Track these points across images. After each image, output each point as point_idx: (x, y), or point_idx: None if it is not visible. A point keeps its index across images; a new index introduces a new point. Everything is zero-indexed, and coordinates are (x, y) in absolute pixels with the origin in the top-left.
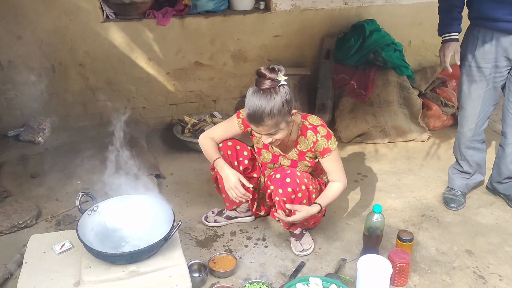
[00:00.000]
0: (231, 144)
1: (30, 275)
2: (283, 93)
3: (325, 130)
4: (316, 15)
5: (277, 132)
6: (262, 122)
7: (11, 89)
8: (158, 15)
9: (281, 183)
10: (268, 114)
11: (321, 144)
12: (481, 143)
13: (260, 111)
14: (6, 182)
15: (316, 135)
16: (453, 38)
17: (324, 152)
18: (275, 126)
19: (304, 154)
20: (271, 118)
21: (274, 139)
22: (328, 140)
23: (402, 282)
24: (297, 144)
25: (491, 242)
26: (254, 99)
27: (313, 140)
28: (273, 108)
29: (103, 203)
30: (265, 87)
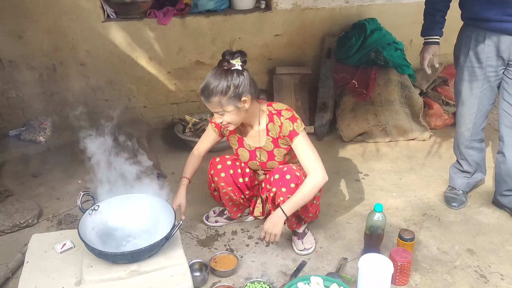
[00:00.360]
0: (230, 163)
1: (31, 275)
2: (234, 77)
3: (289, 113)
4: (317, 14)
5: (224, 114)
6: (208, 98)
7: (12, 88)
8: (159, 14)
9: (282, 182)
10: (212, 92)
11: (286, 127)
12: (480, 143)
13: (206, 87)
14: (8, 182)
15: (280, 118)
16: (433, 41)
17: (291, 135)
18: (219, 105)
19: (277, 141)
20: (215, 96)
21: (224, 121)
22: (293, 122)
23: (403, 281)
24: (268, 131)
25: (493, 241)
26: (208, 76)
27: (278, 124)
28: (217, 87)
29: (104, 203)
30: (220, 67)
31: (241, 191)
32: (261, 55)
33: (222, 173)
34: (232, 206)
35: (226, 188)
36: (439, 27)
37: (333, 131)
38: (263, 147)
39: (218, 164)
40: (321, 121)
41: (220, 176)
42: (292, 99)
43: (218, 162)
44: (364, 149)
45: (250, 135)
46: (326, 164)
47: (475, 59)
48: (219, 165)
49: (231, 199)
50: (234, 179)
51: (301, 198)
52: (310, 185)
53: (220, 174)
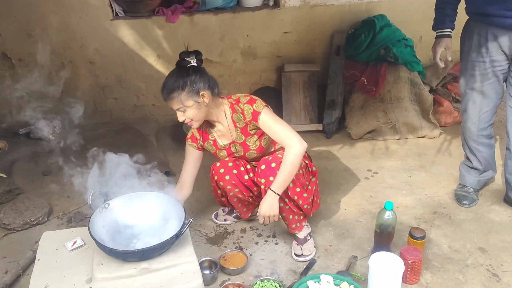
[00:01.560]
0: (232, 164)
1: (42, 272)
2: (190, 73)
3: (247, 97)
4: (326, 11)
5: (185, 110)
6: (167, 95)
7: (22, 86)
8: (167, 12)
9: (269, 171)
10: (170, 89)
11: (247, 110)
12: (489, 139)
13: (164, 85)
14: (18, 180)
15: (239, 105)
16: (444, 35)
17: (254, 116)
18: (179, 102)
19: (246, 130)
20: (173, 92)
21: (187, 118)
22: (252, 104)
23: (414, 280)
24: (235, 123)
25: (505, 239)
26: (167, 76)
27: (240, 111)
28: (174, 83)
29: (114, 201)
30: (177, 66)
31: (248, 190)
32: (270, 53)
33: (227, 175)
34: (242, 207)
35: (233, 190)
36: (449, 20)
37: (342, 128)
38: (235, 140)
39: (220, 168)
40: (330, 118)
41: (225, 180)
42: (300, 96)
43: (220, 166)
44: (373, 146)
45: (221, 133)
46: (335, 161)
47: (478, 53)
48: (222, 169)
49: (240, 201)
50: (239, 178)
51: (286, 173)
52: (291, 157)
53: (225, 177)
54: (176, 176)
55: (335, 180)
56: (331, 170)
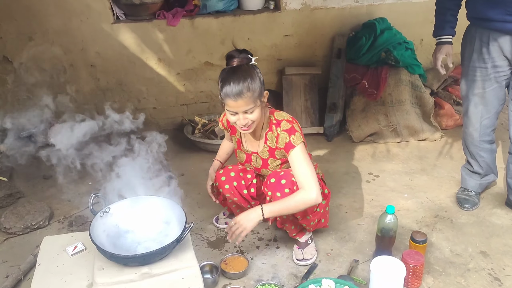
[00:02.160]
0: (234, 174)
1: (43, 277)
2: (257, 72)
3: (288, 124)
4: (327, 14)
5: (253, 111)
6: (242, 94)
7: (23, 90)
8: (168, 15)
9: (277, 186)
10: (248, 87)
11: (282, 139)
12: (490, 144)
13: (240, 83)
14: (19, 183)
15: (277, 129)
16: (445, 41)
17: (287, 147)
18: (253, 100)
19: (274, 152)
20: (249, 89)
21: (249, 120)
22: (290, 134)
23: (415, 284)
24: (266, 140)
25: (507, 243)
26: (231, 75)
27: (275, 135)
28: (252, 79)
29: (115, 205)
30: (238, 63)
31: (247, 201)
32: (270, 56)
33: (226, 185)
34: (241, 212)
35: (232, 198)
36: (450, 26)
37: (343, 131)
38: (259, 153)
39: (221, 176)
40: (331, 121)
41: (224, 188)
42: (301, 99)
43: (222, 174)
44: (374, 149)
45: (249, 139)
46: (336, 165)
47: (480, 59)
48: (223, 177)
49: (238, 207)
50: (238, 190)
51: (285, 207)
52: (299, 199)
53: (224, 186)
54: (177, 179)
55: (336, 183)
56: (332, 173)
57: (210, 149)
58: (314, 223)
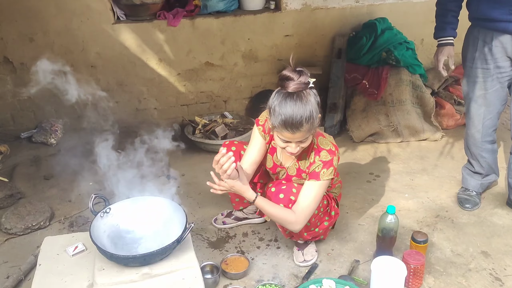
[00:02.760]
0: (235, 149)
1: (44, 277)
2: (314, 95)
3: (329, 157)
4: (327, 14)
5: (307, 139)
6: (300, 127)
7: (24, 91)
8: (168, 16)
9: (274, 198)
10: (307, 119)
11: (315, 166)
12: (492, 144)
13: (299, 116)
14: (20, 184)
15: (315, 157)
16: (446, 43)
17: (312, 175)
18: (311, 130)
19: (301, 173)
20: (308, 121)
21: (301, 148)
22: (323, 167)
23: (416, 284)
24: (300, 159)
25: (508, 243)
26: (289, 104)
27: (311, 161)
28: (312, 111)
29: (115, 205)
30: (296, 90)
31: None
32: (271, 56)
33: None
34: (234, 195)
35: None
36: (451, 28)
37: (344, 131)
38: (288, 168)
39: (224, 146)
40: (331, 121)
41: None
42: None
43: (226, 145)
44: (375, 149)
45: (284, 152)
46: None
47: (483, 60)
48: (225, 147)
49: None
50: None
51: (272, 212)
52: (284, 218)
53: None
54: (177, 180)
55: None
56: None
57: (210, 149)
58: (303, 238)
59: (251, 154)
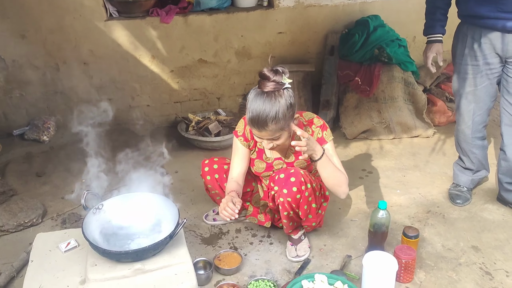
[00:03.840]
0: (217, 167)
1: (36, 273)
2: (288, 96)
3: (320, 121)
4: (320, 12)
5: (279, 137)
6: (265, 126)
7: (16, 88)
8: (161, 12)
9: (285, 183)
10: (272, 119)
11: (316, 134)
12: (482, 140)
13: (264, 115)
14: (12, 181)
15: (311, 126)
16: (435, 40)
17: (319, 142)
18: (279, 130)
19: (300, 154)
20: (275, 122)
21: (275, 144)
22: (323, 130)
23: (408, 279)
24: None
25: (498, 238)
26: (258, 102)
27: (309, 133)
28: (278, 112)
29: (108, 201)
30: (268, 89)
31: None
32: (264, 53)
33: (208, 176)
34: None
35: (213, 190)
36: (440, 25)
37: (337, 128)
38: (284, 158)
39: (205, 166)
40: (324, 118)
41: (206, 179)
42: (295, 96)
43: (206, 164)
44: (367, 146)
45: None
46: None
47: (472, 57)
48: (206, 167)
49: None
50: (219, 183)
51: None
52: (343, 178)
53: (206, 176)
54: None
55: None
56: None
57: (204, 146)
58: (315, 223)
59: (240, 165)
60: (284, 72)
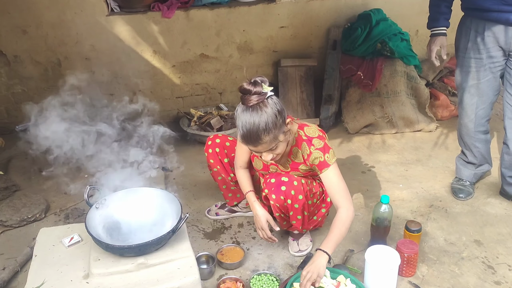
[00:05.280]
0: (219, 141)
1: (40, 268)
2: (273, 104)
3: (321, 142)
4: (322, 5)
5: (277, 147)
6: (259, 140)
7: (18, 83)
8: (163, 7)
9: (275, 189)
10: (263, 131)
11: (316, 157)
12: (485, 134)
13: (255, 130)
14: (15, 176)
15: (310, 147)
16: (439, 33)
17: (321, 166)
18: (274, 140)
19: (298, 166)
20: (267, 133)
21: (275, 154)
22: (324, 153)
23: (410, 273)
24: (291, 154)
25: (500, 232)
26: (245, 118)
27: (307, 152)
28: (268, 122)
29: (111, 196)
30: (252, 103)
31: (227, 172)
32: (266, 47)
33: (210, 149)
34: (227, 190)
35: (215, 166)
36: (444, 18)
37: (339, 123)
38: (280, 165)
39: (209, 140)
40: (326, 113)
41: (208, 152)
42: (297, 91)
43: (210, 139)
44: (370, 141)
45: None
46: None
47: (475, 50)
48: (210, 141)
49: (223, 181)
50: (220, 157)
51: (340, 235)
52: (348, 221)
53: (209, 150)
54: (173, 171)
55: None
56: None
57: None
58: (305, 230)
59: (246, 156)
60: (264, 81)
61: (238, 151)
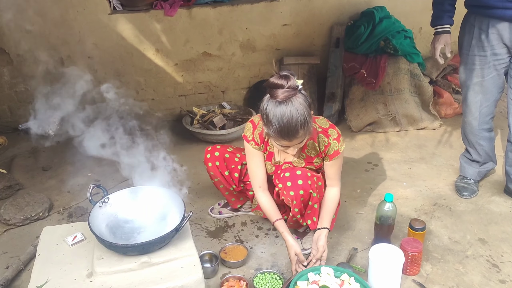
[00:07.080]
0: (218, 154)
1: (43, 267)
2: (303, 97)
3: (335, 132)
4: (325, 3)
5: (303, 141)
6: (296, 134)
7: (21, 82)
8: (165, 5)
9: (292, 183)
10: (302, 124)
11: (332, 147)
12: (489, 132)
13: (293, 124)
14: (18, 175)
15: (328, 138)
16: (443, 31)
17: (334, 155)
18: (306, 134)
19: (312, 160)
20: (304, 126)
21: (300, 147)
22: (339, 142)
23: (414, 271)
24: (305, 148)
25: (505, 230)
26: (281, 112)
27: (325, 144)
28: (305, 115)
29: (114, 195)
30: (284, 97)
31: (228, 183)
32: (269, 46)
33: (210, 162)
34: (229, 196)
35: (216, 177)
36: (448, 16)
37: (342, 121)
38: (293, 162)
39: (207, 153)
40: (329, 111)
41: (208, 166)
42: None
43: (208, 151)
44: (373, 139)
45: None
46: None
47: (479, 47)
48: (208, 154)
49: (225, 189)
50: (220, 170)
51: (332, 212)
52: (335, 198)
53: (208, 163)
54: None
55: None
56: None
57: (208, 139)
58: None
59: (261, 170)
60: (293, 74)
61: (252, 168)
